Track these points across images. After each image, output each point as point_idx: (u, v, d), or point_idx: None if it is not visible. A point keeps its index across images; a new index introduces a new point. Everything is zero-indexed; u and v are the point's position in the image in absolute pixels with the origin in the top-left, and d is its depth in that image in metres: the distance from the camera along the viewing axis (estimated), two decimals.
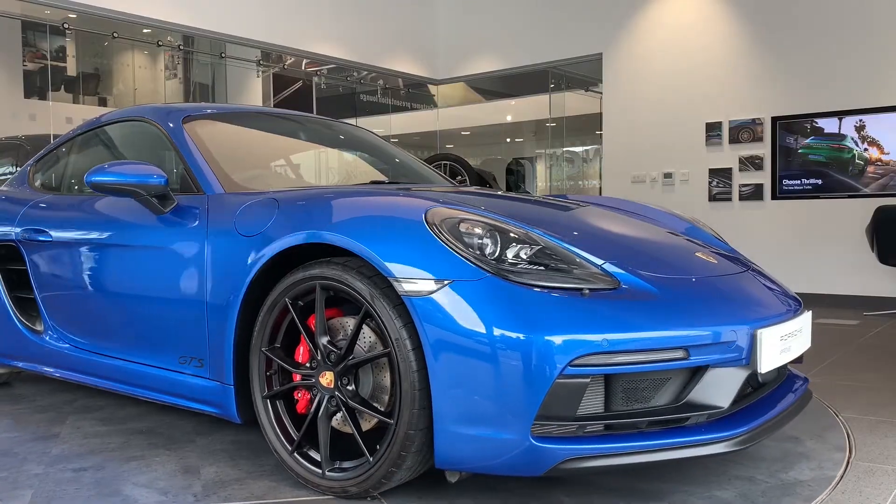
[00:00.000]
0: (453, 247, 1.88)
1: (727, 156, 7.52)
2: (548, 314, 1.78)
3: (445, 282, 1.84)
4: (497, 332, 1.77)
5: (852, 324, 5.72)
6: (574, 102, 9.86)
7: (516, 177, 12.17)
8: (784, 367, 2.38)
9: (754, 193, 7.36)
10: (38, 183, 3.48)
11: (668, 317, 1.89)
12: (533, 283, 1.84)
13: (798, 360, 2.36)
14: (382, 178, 3.48)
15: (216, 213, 2.42)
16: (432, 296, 1.84)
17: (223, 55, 8.68)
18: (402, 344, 1.88)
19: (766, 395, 2.21)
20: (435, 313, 1.83)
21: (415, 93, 10.73)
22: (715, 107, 7.58)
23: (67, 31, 7.80)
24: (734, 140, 7.47)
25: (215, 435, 2.77)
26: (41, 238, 3.04)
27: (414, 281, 1.87)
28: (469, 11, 9.55)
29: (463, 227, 1.94)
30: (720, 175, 7.57)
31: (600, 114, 8.58)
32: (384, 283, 1.94)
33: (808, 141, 7.05)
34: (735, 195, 7.48)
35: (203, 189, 2.57)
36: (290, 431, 2.18)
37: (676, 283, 2.07)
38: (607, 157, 8.42)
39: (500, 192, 3.02)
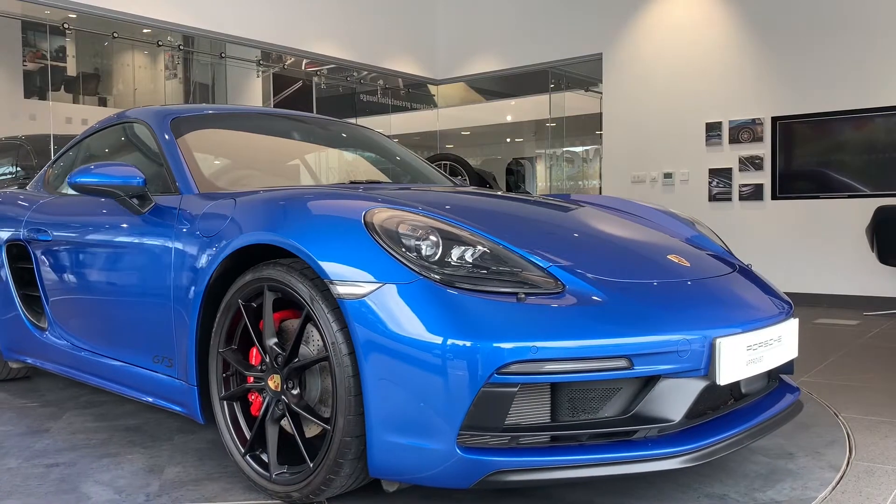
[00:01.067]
0: (388, 249, 1.83)
1: (727, 156, 7.52)
2: (476, 319, 1.71)
3: (378, 285, 1.79)
4: (424, 337, 1.71)
5: (852, 324, 5.72)
6: (574, 102, 9.86)
7: (516, 177, 12.17)
8: (776, 375, 2.31)
9: (754, 193, 7.36)
10: (50, 183, 3.57)
11: (610, 323, 1.79)
12: (467, 286, 1.77)
13: (787, 370, 2.28)
14: (381, 177, 3.48)
15: (185, 214, 2.44)
16: (365, 299, 1.79)
17: (223, 55, 8.68)
18: (338, 348, 1.83)
19: (743, 406, 2.10)
20: (366, 317, 1.78)
21: (415, 93, 10.73)
22: (715, 107, 7.58)
23: (67, 31, 7.80)
24: (734, 140, 7.47)
25: (196, 434, 2.78)
26: (41, 238, 3.14)
27: (348, 283, 1.82)
28: (469, 11, 9.55)
29: (402, 229, 1.88)
30: (720, 175, 7.57)
31: (600, 114, 8.59)
32: (323, 286, 1.90)
33: None
34: (735, 195, 7.48)
35: (180, 190, 2.60)
36: (245, 434, 2.17)
37: (630, 287, 1.96)
38: (607, 157, 8.42)
39: (467, 190, 2.97)
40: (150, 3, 6.68)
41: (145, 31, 7.73)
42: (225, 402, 2.21)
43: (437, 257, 1.83)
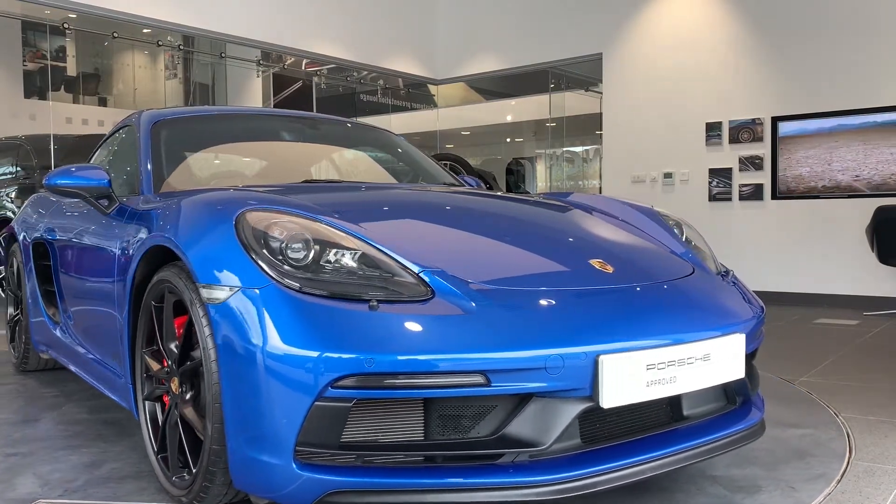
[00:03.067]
0: (249, 252, 1.76)
1: (727, 156, 7.53)
2: (319, 329, 1.61)
3: (235, 289, 1.72)
4: (267, 345, 1.62)
5: (852, 324, 5.72)
6: (574, 102, 9.86)
7: (516, 177, 12.17)
8: (733, 395, 2.10)
9: (754, 193, 7.37)
10: None
11: (465, 336, 1.63)
12: (319, 293, 1.67)
13: (740, 391, 2.08)
14: (374, 175, 3.47)
15: (134, 214, 2.47)
16: (225, 303, 1.73)
17: (223, 55, 8.68)
18: (207, 353, 1.77)
19: (666, 431, 1.90)
20: (224, 322, 1.72)
21: (415, 93, 10.74)
22: (715, 107, 7.58)
23: (67, 31, 7.80)
24: (734, 140, 7.47)
25: None
26: (50, 237, 3.30)
27: (213, 287, 1.77)
28: (469, 11, 9.55)
29: (272, 231, 1.80)
30: (720, 175, 7.57)
31: (600, 114, 8.59)
32: (197, 289, 1.87)
33: None
34: (735, 195, 7.48)
35: (141, 190, 2.65)
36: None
37: (511, 295, 1.79)
38: (607, 157, 8.42)
39: (368, 186, 2.87)
40: (150, 3, 6.68)
41: (145, 31, 7.73)
42: (146, 402, 2.22)
43: (306, 261, 1.74)
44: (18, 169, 7.20)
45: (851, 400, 3.25)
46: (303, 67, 9.33)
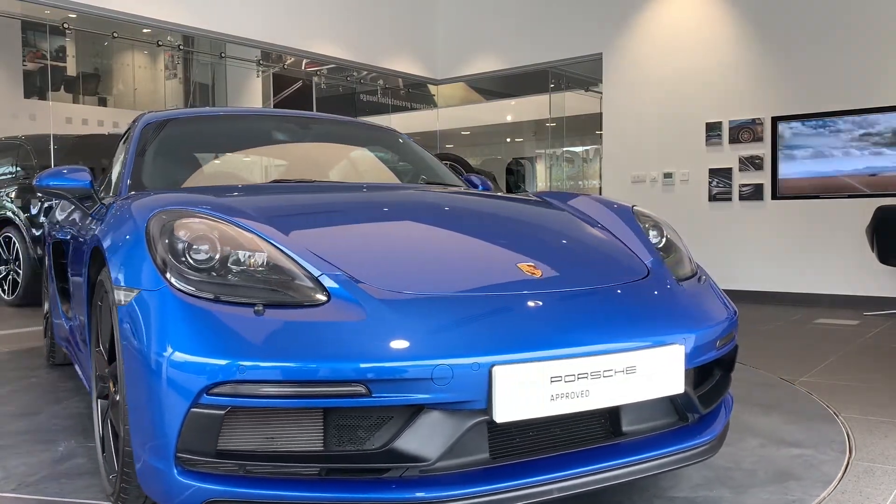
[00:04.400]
0: (154, 253, 1.75)
1: (727, 156, 7.53)
2: (201, 333, 1.58)
3: (136, 291, 1.72)
4: (154, 349, 1.61)
5: (852, 324, 5.72)
6: (574, 102, 9.86)
7: (516, 177, 12.17)
8: (692, 409, 1.95)
9: (754, 193, 7.37)
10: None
11: (347, 343, 1.57)
12: (209, 297, 1.64)
13: (686, 406, 1.93)
14: (377, 174, 3.46)
15: (104, 215, 2.49)
16: (129, 304, 1.73)
17: (223, 55, 8.68)
18: (118, 355, 1.77)
19: (596, 447, 1.79)
20: (127, 323, 1.72)
21: (415, 93, 10.74)
22: (715, 107, 7.58)
23: (67, 31, 7.80)
24: (734, 140, 7.47)
25: None
26: (62, 236, 3.40)
27: (121, 289, 1.78)
28: (469, 11, 9.55)
29: (179, 233, 1.77)
30: (720, 175, 7.57)
31: (600, 114, 8.59)
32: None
33: None
34: (735, 195, 7.48)
35: (119, 191, 2.70)
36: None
37: (409, 302, 1.70)
38: (607, 157, 8.42)
39: (329, 187, 2.84)
40: (150, 3, 6.68)
41: (145, 31, 7.73)
42: (99, 401, 2.23)
43: (210, 264, 1.72)
44: (18, 169, 7.20)
45: (851, 400, 3.25)
46: (303, 67, 9.33)
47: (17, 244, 6.69)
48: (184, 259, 1.71)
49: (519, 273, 1.92)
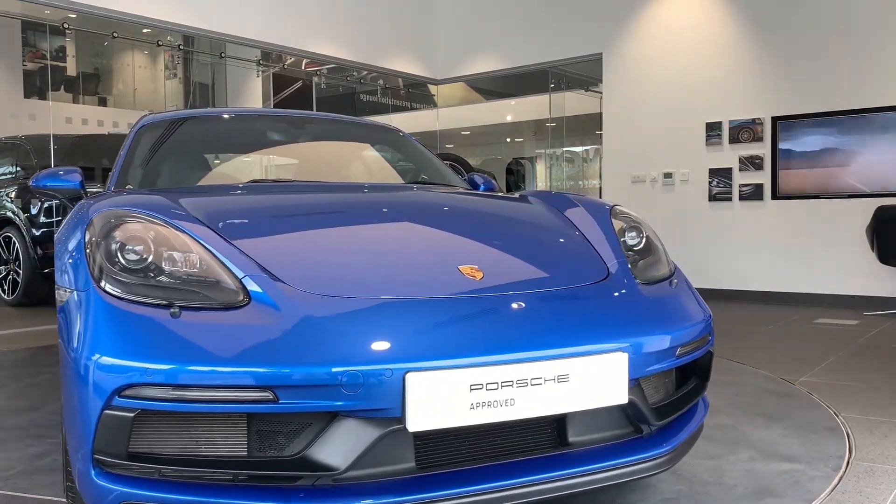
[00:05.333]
0: (88, 254, 1.75)
1: (727, 156, 7.53)
2: (119, 335, 1.57)
3: (69, 292, 1.74)
4: (76, 350, 1.60)
5: (852, 324, 5.72)
6: (574, 102, 9.86)
7: (516, 177, 12.18)
8: (644, 420, 1.85)
9: (754, 193, 7.37)
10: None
11: (257, 347, 1.55)
12: (130, 297, 1.64)
13: (644, 421, 1.83)
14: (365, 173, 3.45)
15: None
16: (64, 304, 1.76)
17: (223, 55, 8.68)
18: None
19: (526, 459, 1.71)
20: (60, 323, 1.74)
21: (415, 93, 10.74)
22: (715, 107, 7.58)
23: (67, 31, 7.80)
24: (734, 140, 7.47)
25: None
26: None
27: (60, 288, 1.82)
28: (469, 11, 9.55)
29: (115, 234, 1.77)
30: (720, 175, 7.57)
31: (600, 114, 8.59)
32: None
33: None
34: (735, 195, 7.48)
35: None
36: None
37: (330, 306, 1.67)
38: (607, 157, 8.42)
39: (295, 187, 2.81)
40: (150, 3, 6.68)
41: (145, 31, 7.73)
42: None
43: (143, 264, 1.71)
44: (18, 169, 7.20)
45: (851, 400, 3.25)
46: (303, 67, 9.33)
47: (17, 244, 6.69)
48: (117, 260, 1.71)
49: (457, 276, 1.87)
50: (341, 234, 2.16)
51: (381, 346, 1.57)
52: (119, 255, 1.72)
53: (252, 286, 1.69)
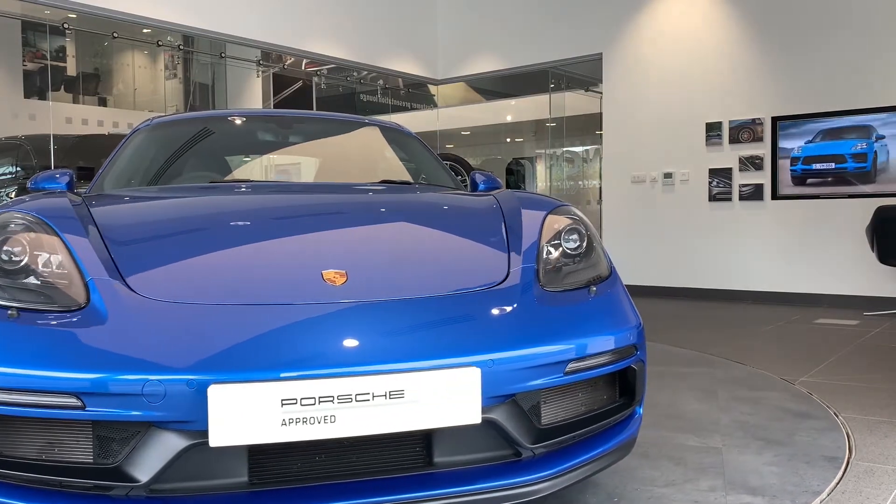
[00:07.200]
0: None
1: (727, 156, 7.52)
2: None
3: None
4: None
5: (852, 324, 5.72)
6: (574, 102, 9.86)
7: (516, 177, 12.18)
8: (513, 443, 1.70)
9: (754, 193, 7.37)
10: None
11: (70, 351, 1.53)
12: None
13: (515, 443, 1.69)
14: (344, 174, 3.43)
15: None
16: None
17: (223, 55, 8.68)
18: None
19: (375, 479, 1.61)
20: None
21: (415, 93, 10.74)
22: (715, 107, 7.58)
23: (67, 31, 7.80)
24: (734, 140, 7.47)
25: None
26: None
27: None
28: (469, 11, 9.55)
29: (2, 235, 1.80)
30: (720, 175, 7.57)
31: (600, 114, 8.59)
32: None
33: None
34: (735, 195, 7.48)
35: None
36: None
37: (147, 312, 1.64)
38: (607, 157, 8.42)
39: (203, 187, 2.81)
40: (150, 3, 6.68)
41: (145, 31, 7.73)
42: None
43: (16, 266, 1.73)
44: (18, 169, 7.20)
45: (851, 400, 3.25)
46: (303, 67, 9.33)
47: None
48: (6, 260, 1.73)
49: (316, 282, 1.77)
50: (231, 240, 2.09)
51: (187, 356, 1.52)
52: (6, 257, 1.74)
53: (95, 289, 1.68)
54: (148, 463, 1.51)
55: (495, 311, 1.79)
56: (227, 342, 1.57)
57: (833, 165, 6.93)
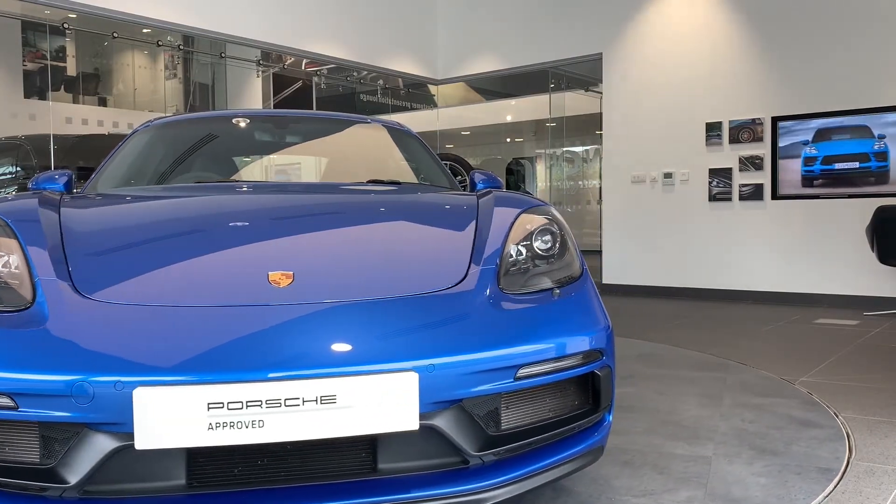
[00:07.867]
0: None
1: (727, 156, 7.52)
2: None
3: None
4: None
5: (852, 324, 5.72)
6: (574, 102, 9.86)
7: (516, 177, 12.18)
8: (456, 450, 1.66)
9: (754, 193, 7.36)
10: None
11: (5, 352, 1.55)
12: None
13: (457, 449, 1.64)
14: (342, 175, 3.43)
15: None
16: None
17: (223, 55, 8.68)
18: None
19: (315, 484, 1.59)
20: None
21: (415, 93, 10.74)
22: (715, 107, 7.58)
23: (67, 31, 7.80)
24: (734, 140, 7.47)
25: None
26: None
27: None
28: (469, 11, 9.55)
29: None
30: (720, 175, 7.57)
31: (600, 114, 8.59)
32: None
33: None
34: (735, 195, 7.48)
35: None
36: None
37: (84, 313, 1.65)
38: (607, 157, 8.42)
39: (182, 187, 2.82)
40: (150, 3, 6.68)
41: (145, 31, 7.72)
42: None
43: None
44: (18, 169, 7.20)
45: (851, 400, 3.25)
46: (303, 67, 9.33)
47: None
48: None
49: (261, 283, 1.76)
50: (187, 242, 2.09)
51: (115, 357, 1.53)
52: None
53: (41, 290, 1.70)
54: (79, 464, 1.51)
55: (442, 315, 1.75)
56: (156, 344, 1.57)
57: (857, 164, 6.89)
